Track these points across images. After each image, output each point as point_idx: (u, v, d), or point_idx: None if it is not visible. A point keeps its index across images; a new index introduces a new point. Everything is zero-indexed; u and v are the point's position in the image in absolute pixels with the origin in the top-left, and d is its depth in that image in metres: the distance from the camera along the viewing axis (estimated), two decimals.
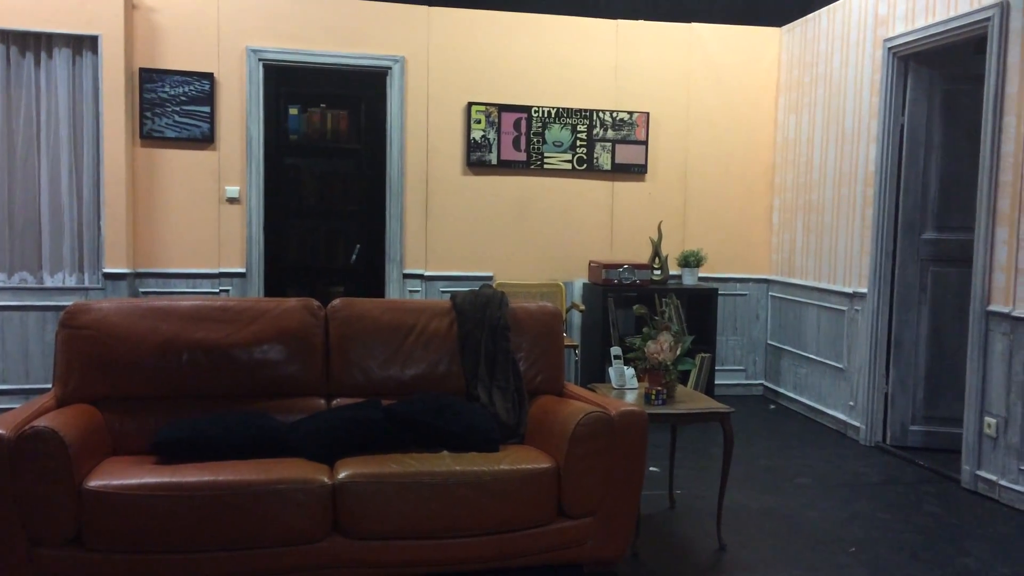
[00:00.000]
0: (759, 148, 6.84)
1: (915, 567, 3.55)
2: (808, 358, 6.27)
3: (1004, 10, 4.40)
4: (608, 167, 6.56)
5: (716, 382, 6.27)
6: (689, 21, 6.63)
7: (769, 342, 6.87)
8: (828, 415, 5.95)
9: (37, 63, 5.63)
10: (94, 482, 2.84)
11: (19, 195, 5.65)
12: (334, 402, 3.57)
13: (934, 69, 5.26)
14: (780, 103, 6.78)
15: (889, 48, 5.29)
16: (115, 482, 2.84)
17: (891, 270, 5.39)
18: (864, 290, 5.54)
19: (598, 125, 6.53)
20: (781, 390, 6.67)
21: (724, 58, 6.72)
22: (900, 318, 5.37)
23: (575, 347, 6.32)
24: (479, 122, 6.37)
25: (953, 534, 3.96)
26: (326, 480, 2.99)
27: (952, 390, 5.09)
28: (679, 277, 6.48)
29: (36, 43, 5.61)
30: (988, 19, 4.49)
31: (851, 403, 5.70)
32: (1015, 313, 4.28)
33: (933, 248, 5.30)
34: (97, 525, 2.81)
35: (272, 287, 6.46)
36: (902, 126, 5.31)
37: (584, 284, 6.52)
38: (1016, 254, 4.30)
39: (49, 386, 3.50)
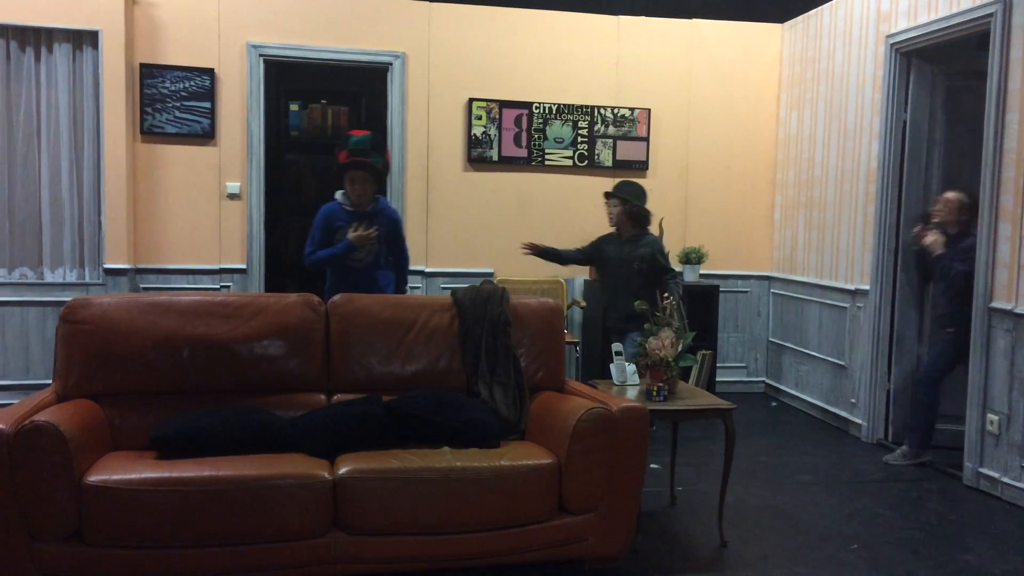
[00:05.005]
0: (761, 144, 6.82)
1: (916, 564, 3.54)
2: (810, 355, 6.26)
3: (1007, 6, 4.38)
4: (609, 163, 6.55)
5: (717, 379, 6.27)
6: (690, 17, 6.61)
7: (771, 339, 6.86)
8: (830, 412, 5.94)
9: (37, 58, 5.61)
10: (94, 477, 2.83)
11: (19, 190, 5.64)
12: (334, 398, 3.56)
13: (936, 65, 5.25)
14: (782, 99, 6.76)
15: (891, 44, 5.27)
16: (115, 477, 2.84)
17: (893, 267, 5.38)
18: (866, 287, 5.52)
19: (599, 121, 6.52)
20: (783, 387, 6.65)
21: (725, 54, 6.70)
22: (902, 315, 5.36)
23: (576, 344, 6.31)
24: (480, 118, 6.36)
25: (955, 531, 3.95)
26: (326, 476, 2.98)
27: (954, 387, 5.07)
28: (680, 274, 6.46)
29: (36, 38, 5.59)
30: (991, 15, 4.47)
31: (853, 400, 5.68)
32: (1017, 310, 4.27)
33: None
34: (97, 520, 2.80)
35: (273, 283, 6.45)
36: (904, 122, 5.29)
37: (585, 281, 6.50)
38: (1019, 251, 4.29)
39: (49, 382, 3.49)
